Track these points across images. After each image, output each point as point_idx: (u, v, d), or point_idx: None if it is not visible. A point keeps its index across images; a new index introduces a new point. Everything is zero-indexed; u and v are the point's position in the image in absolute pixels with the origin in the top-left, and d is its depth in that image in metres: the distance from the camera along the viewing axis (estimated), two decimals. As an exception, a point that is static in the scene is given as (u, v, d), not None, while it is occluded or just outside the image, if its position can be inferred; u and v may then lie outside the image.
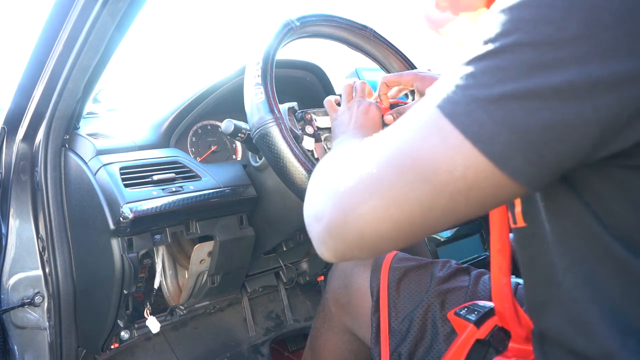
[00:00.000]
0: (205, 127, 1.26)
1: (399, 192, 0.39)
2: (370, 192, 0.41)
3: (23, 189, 1.10)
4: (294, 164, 0.77)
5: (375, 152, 0.43)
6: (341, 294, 0.97)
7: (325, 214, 0.45)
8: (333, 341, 1.01)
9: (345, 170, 0.44)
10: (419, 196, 0.39)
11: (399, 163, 0.40)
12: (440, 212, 0.39)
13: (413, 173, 0.39)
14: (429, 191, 0.38)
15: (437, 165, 0.38)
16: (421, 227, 0.41)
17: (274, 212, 1.05)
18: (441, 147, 0.38)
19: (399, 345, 0.81)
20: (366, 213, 0.41)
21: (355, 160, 0.44)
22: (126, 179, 0.93)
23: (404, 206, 0.40)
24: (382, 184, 0.40)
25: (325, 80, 1.37)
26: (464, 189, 0.38)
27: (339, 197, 0.43)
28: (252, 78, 0.82)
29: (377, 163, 0.41)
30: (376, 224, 0.41)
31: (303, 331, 1.53)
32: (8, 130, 1.08)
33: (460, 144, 0.37)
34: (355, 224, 0.41)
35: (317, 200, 0.48)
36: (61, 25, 0.87)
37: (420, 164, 0.39)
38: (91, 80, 0.95)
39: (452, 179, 0.38)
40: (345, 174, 0.44)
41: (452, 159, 0.37)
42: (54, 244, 1.06)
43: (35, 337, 1.12)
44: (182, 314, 1.25)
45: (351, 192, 0.42)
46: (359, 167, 0.43)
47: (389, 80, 0.93)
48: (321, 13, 0.95)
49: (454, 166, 0.37)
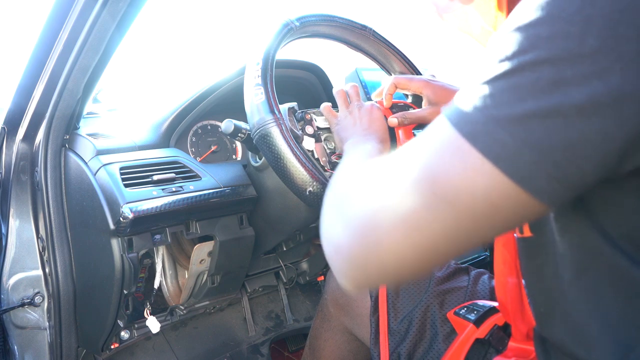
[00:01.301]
0: (205, 127, 1.26)
1: (421, 218, 0.38)
2: (390, 220, 0.39)
3: (23, 189, 1.10)
4: (294, 164, 0.77)
5: (392, 176, 0.41)
6: (340, 295, 0.97)
7: (344, 245, 0.43)
8: (332, 341, 1.01)
9: (362, 196, 0.43)
10: (441, 221, 0.38)
11: (418, 187, 0.39)
12: (465, 235, 0.38)
13: (434, 197, 0.38)
14: (452, 215, 0.37)
15: (459, 188, 0.37)
16: (445, 252, 0.39)
17: (274, 212, 1.05)
18: (461, 168, 0.37)
19: (399, 345, 0.81)
20: (387, 243, 0.39)
21: (373, 185, 0.43)
22: (126, 179, 0.93)
23: (427, 232, 0.38)
24: (402, 210, 0.39)
25: (325, 80, 1.37)
26: (487, 211, 0.37)
27: (358, 227, 0.42)
28: (252, 78, 0.82)
29: (395, 188, 0.40)
30: (398, 253, 0.39)
31: (303, 331, 1.53)
32: (8, 130, 1.08)
33: (481, 165, 0.36)
34: (376, 255, 0.40)
35: (335, 229, 0.46)
36: (61, 25, 0.87)
37: (441, 187, 0.37)
38: (91, 80, 0.95)
39: (474, 201, 0.37)
40: (362, 201, 0.43)
41: (474, 181, 0.36)
42: (54, 244, 1.06)
43: (35, 337, 1.12)
44: (182, 313, 1.26)
45: (370, 221, 0.41)
46: (376, 193, 0.41)
47: (399, 82, 0.92)
48: (321, 13, 0.95)
49: (476, 188, 0.36)
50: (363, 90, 1.49)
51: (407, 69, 1.06)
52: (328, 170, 0.89)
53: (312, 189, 0.76)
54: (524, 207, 0.36)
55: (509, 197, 0.36)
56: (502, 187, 0.36)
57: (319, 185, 0.76)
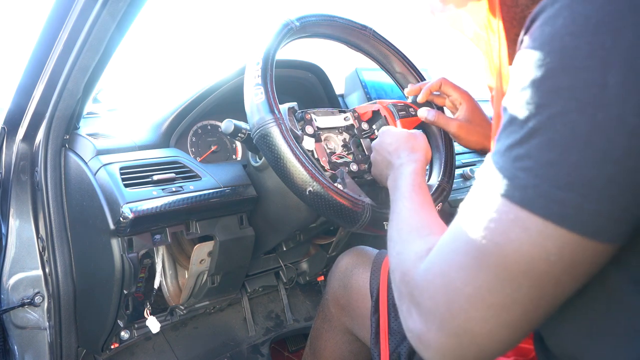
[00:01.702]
0: (205, 127, 1.26)
1: (503, 296, 0.37)
2: (474, 307, 0.39)
3: (23, 189, 1.10)
4: (294, 164, 0.77)
5: (458, 262, 0.40)
6: (341, 295, 0.97)
7: (432, 341, 0.42)
8: (333, 341, 1.01)
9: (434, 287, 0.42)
10: (526, 293, 0.37)
11: (489, 267, 0.38)
12: (552, 297, 0.38)
13: (509, 272, 0.37)
14: (534, 284, 0.37)
15: (530, 257, 0.36)
16: (537, 318, 0.39)
17: (274, 212, 1.05)
18: (526, 238, 0.36)
19: (399, 345, 0.81)
20: (479, 329, 0.39)
21: (441, 276, 0.41)
22: (126, 179, 0.93)
23: (514, 307, 0.38)
24: (482, 294, 0.38)
25: (325, 80, 1.37)
26: (567, 269, 0.36)
27: (442, 321, 0.40)
28: (252, 78, 0.82)
29: (466, 275, 0.39)
30: (493, 334, 0.39)
31: (303, 331, 1.53)
32: (8, 130, 1.08)
33: (544, 229, 0.35)
34: (471, 343, 0.39)
35: (414, 321, 0.44)
36: (61, 25, 0.87)
37: (512, 261, 0.37)
38: (91, 80, 0.95)
39: (550, 265, 0.36)
40: (436, 293, 0.41)
41: (544, 247, 0.36)
42: (54, 244, 1.06)
43: (35, 337, 1.12)
44: (182, 314, 1.26)
45: (454, 313, 0.40)
46: (449, 285, 0.40)
47: (446, 83, 0.94)
48: (321, 13, 0.95)
49: (548, 253, 0.36)
50: (363, 90, 1.49)
51: (407, 69, 1.06)
52: (328, 170, 0.89)
53: (312, 189, 0.76)
54: (602, 253, 0.36)
55: (584, 250, 0.35)
56: (574, 244, 0.35)
57: (318, 186, 0.76)
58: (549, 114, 0.35)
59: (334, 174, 0.88)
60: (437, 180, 0.95)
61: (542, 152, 0.35)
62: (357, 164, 0.93)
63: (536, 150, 0.36)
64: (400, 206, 0.62)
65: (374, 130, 1.00)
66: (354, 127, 0.99)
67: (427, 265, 0.44)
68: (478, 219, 0.40)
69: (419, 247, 0.50)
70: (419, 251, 0.49)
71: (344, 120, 0.99)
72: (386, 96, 1.52)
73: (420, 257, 0.47)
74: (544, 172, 0.35)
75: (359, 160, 0.95)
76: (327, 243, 1.40)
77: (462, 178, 1.39)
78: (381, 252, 0.97)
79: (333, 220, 0.80)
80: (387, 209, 0.82)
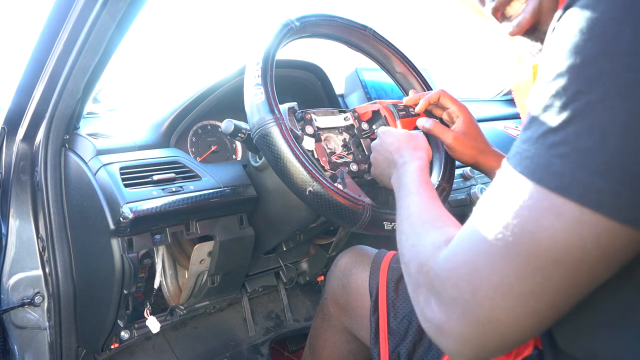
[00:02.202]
0: (205, 127, 1.26)
1: (532, 285, 0.37)
2: (501, 295, 0.38)
3: (23, 189, 1.10)
4: (295, 164, 0.77)
5: (485, 250, 0.39)
6: (340, 294, 0.97)
7: (453, 329, 0.41)
8: (332, 341, 1.01)
9: (457, 275, 0.41)
10: (556, 282, 0.36)
11: (519, 255, 0.37)
12: (583, 286, 0.37)
13: (540, 260, 0.36)
14: (566, 273, 0.36)
15: (565, 245, 0.35)
16: (565, 307, 0.38)
17: (274, 212, 1.05)
18: (561, 225, 0.35)
19: (398, 345, 0.81)
20: (505, 317, 0.38)
21: (464, 264, 0.41)
22: (126, 179, 0.93)
23: (542, 296, 0.37)
24: (510, 282, 0.37)
25: (325, 80, 1.37)
26: (601, 257, 0.35)
27: (465, 310, 0.40)
28: (252, 78, 0.82)
29: (493, 262, 0.38)
30: (518, 323, 0.38)
31: (303, 331, 1.53)
32: (8, 130, 1.08)
33: (581, 216, 0.35)
34: (495, 331, 0.39)
35: (433, 311, 0.43)
36: (61, 25, 0.87)
37: (544, 249, 0.36)
38: (91, 80, 0.95)
39: (586, 253, 0.35)
40: (460, 281, 0.40)
41: (580, 234, 0.35)
42: (54, 244, 1.06)
43: (35, 337, 1.12)
44: (182, 314, 1.26)
45: (478, 301, 0.39)
46: (473, 273, 0.39)
47: (445, 96, 0.95)
48: (321, 13, 0.95)
49: (584, 240, 0.35)
50: (363, 90, 1.49)
51: (407, 69, 1.06)
52: (328, 170, 0.89)
53: (312, 189, 0.76)
54: (637, 242, 0.35)
55: (621, 239, 0.35)
56: (612, 231, 0.35)
57: (318, 185, 0.76)
58: (588, 100, 0.35)
59: (334, 174, 0.88)
60: (437, 180, 0.95)
61: (580, 138, 0.35)
62: (357, 164, 0.93)
63: (574, 137, 0.35)
64: (409, 201, 0.62)
65: (374, 130, 1.00)
66: (354, 127, 0.99)
67: (448, 254, 0.43)
68: (507, 207, 0.39)
69: (436, 237, 0.49)
70: (436, 242, 0.48)
71: (344, 120, 0.99)
72: (386, 96, 1.52)
73: (438, 247, 0.47)
74: (582, 159, 0.35)
75: (359, 160, 0.95)
76: (327, 243, 1.40)
77: (462, 178, 1.39)
78: (380, 251, 0.97)
79: (333, 220, 0.80)
80: (387, 209, 0.82)
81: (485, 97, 2.19)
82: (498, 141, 1.61)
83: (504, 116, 1.87)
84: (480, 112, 1.83)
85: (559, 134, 0.36)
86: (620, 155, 0.34)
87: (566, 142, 0.36)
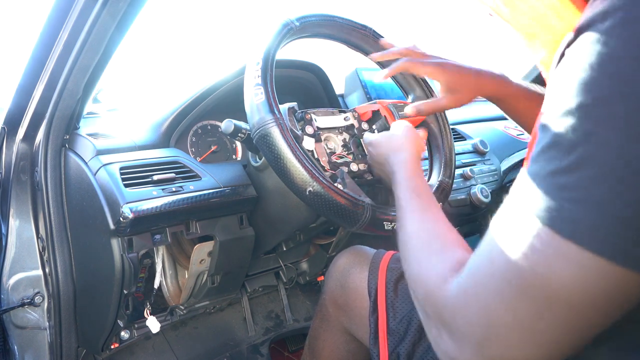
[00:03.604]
0: (205, 127, 1.26)
1: (546, 325, 0.36)
2: (514, 333, 0.38)
3: (23, 189, 1.10)
4: (295, 164, 0.77)
5: (496, 288, 0.39)
6: (338, 294, 0.97)
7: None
8: (331, 341, 1.01)
9: (469, 311, 0.41)
10: (571, 324, 0.36)
11: (530, 297, 0.37)
12: (599, 325, 0.37)
13: (554, 304, 0.36)
14: (581, 316, 0.36)
15: (581, 292, 0.35)
16: (579, 344, 0.38)
17: (274, 212, 1.05)
18: (576, 272, 0.34)
19: (398, 345, 0.81)
20: (517, 354, 0.38)
21: (476, 300, 0.40)
22: (126, 179, 0.93)
23: (556, 335, 0.37)
24: (522, 322, 0.37)
25: (325, 80, 1.37)
26: (620, 302, 0.35)
27: (479, 346, 0.40)
28: (252, 78, 0.82)
29: (504, 302, 0.38)
30: (526, 358, 0.38)
31: (303, 331, 1.53)
32: (8, 130, 1.08)
33: (596, 264, 0.34)
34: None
35: (447, 344, 0.43)
36: (61, 25, 0.87)
37: (557, 293, 0.35)
38: (91, 80, 0.95)
39: (594, 297, 0.35)
40: (472, 317, 0.40)
41: (595, 283, 0.34)
42: (54, 244, 1.06)
43: (35, 337, 1.12)
44: (182, 313, 1.26)
45: (491, 339, 0.39)
46: (485, 310, 0.39)
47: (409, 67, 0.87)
48: (321, 13, 0.95)
49: (598, 287, 0.34)
50: (363, 90, 1.49)
51: (407, 69, 1.05)
52: (328, 170, 0.89)
53: (312, 189, 0.76)
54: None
55: (632, 284, 0.34)
56: (632, 280, 0.34)
57: (318, 186, 0.76)
58: (600, 142, 0.33)
59: (334, 174, 0.88)
60: (437, 180, 0.95)
61: (593, 185, 0.34)
62: (357, 164, 0.93)
63: (586, 182, 0.34)
64: (403, 219, 0.60)
65: (374, 130, 1.00)
66: (354, 127, 0.99)
67: (458, 288, 0.43)
68: (517, 245, 0.38)
69: (440, 267, 0.48)
70: (440, 272, 0.47)
71: (344, 120, 0.99)
72: (386, 96, 1.52)
73: (443, 278, 0.46)
74: (597, 207, 0.33)
75: (359, 160, 0.95)
76: (327, 243, 1.40)
77: (462, 178, 1.39)
78: (379, 251, 0.97)
79: (333, 220, 0.80)
80: (387, 209, 0.82)
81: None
82: (498, 141, 1.61)
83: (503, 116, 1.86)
84: (480, 112, 1.83)
85: (571, 176, 0.35)
86: (637, 203, 0.32)
87: (579, 187, 0.34)
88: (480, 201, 1.33)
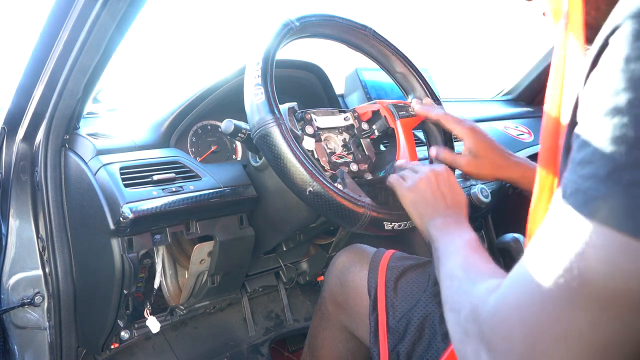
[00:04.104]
0: (205, 127, 1.26)
1: (606, 335, 0.33)
2: (566, 348, 0.34)
3: (23, 189, 1.10)
4: (295, 164, 0.77)
5: (542, 293, 0.35)
6: (338, 293, 0.97)
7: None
8: (331, 340, 1.02)
9: (509, 324, 0.37)
10: (636, 329, 0.32)
11: (587, 300, 0.33)
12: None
13: (617, 306, 0.32)
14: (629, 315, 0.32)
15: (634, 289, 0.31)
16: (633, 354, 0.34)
17: (274, 212, 1.05)
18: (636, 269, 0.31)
19: (398, 344, 0.81)
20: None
21: (518, 309, 0.36)
22: (126, 179, 0.93)
23: (618, 347, 0.33)
24: (577, 333, 0.33)
25: (325, 80, 1.37)
26: None
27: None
28: (252, 78, 0.82)
29: (553, 309, 0.34)
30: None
31: (303, 331, 1.53)
32: (8, 130, 1.08)
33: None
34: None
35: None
36: (61, 25, 0.87)
37: (622, 294, 0.32)
38: (91, 80, 0.95)
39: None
40: (512, 330, 0.36)
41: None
42: (54, 244, 1.06)
43: (35, 337, 1.12)
44: (182, 313, 1.26)
45: (537, 357, 0.34)
46: (529, 320, 0.35)
47: (447, 120, 0.91)
48: (321, 13, 0.95)
49: None
50: (363, 90, 1.49)
51: (407, 69, 1.06)
52: (328, 170, 0.89)
53: (312, 189, 0.76)
54: None
55: None
56: None
57: (318, 186, 0.76)
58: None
59: (334, 174, 0.88)
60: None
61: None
62: (357, 164, 0.93)
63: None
64: (461, 248, 0.58)
65: (374, 130, 1.00)
66: (354, 127, 0.99)
67: (498, 298, 0.39)
68: (571, 245, 0.34)
69: (490, 283, 0.44)
70: (489, 287, 0.43)
71: (344, 120, 0.99)
72: (386, 96, 1.52)
73: (490, 291, 0.42)
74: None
75: (359, 160, 0.95)
76: (327, 243, 1.40)
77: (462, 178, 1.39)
78: (379, 250, 0.97)
79: (333, 220, 0.80)
80: (387, 209, 0.82)
81: (485, 97, 2.19)
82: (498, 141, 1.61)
83: (504, 116, 1.87)
84: (480, 112, 1.83)
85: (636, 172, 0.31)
86: None
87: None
88: (481, 201, 1.33)
